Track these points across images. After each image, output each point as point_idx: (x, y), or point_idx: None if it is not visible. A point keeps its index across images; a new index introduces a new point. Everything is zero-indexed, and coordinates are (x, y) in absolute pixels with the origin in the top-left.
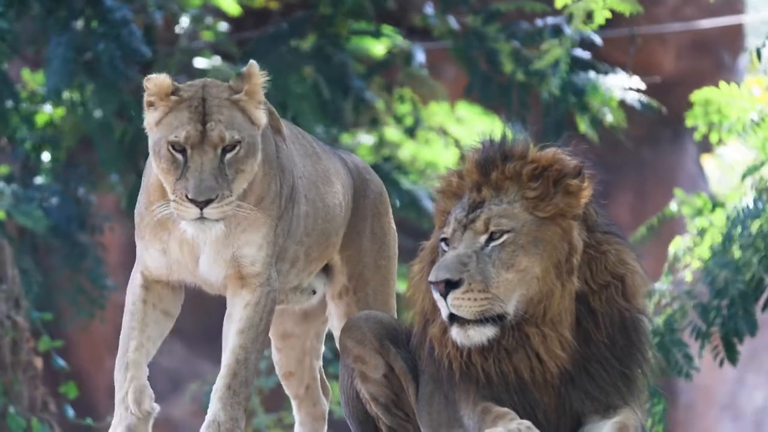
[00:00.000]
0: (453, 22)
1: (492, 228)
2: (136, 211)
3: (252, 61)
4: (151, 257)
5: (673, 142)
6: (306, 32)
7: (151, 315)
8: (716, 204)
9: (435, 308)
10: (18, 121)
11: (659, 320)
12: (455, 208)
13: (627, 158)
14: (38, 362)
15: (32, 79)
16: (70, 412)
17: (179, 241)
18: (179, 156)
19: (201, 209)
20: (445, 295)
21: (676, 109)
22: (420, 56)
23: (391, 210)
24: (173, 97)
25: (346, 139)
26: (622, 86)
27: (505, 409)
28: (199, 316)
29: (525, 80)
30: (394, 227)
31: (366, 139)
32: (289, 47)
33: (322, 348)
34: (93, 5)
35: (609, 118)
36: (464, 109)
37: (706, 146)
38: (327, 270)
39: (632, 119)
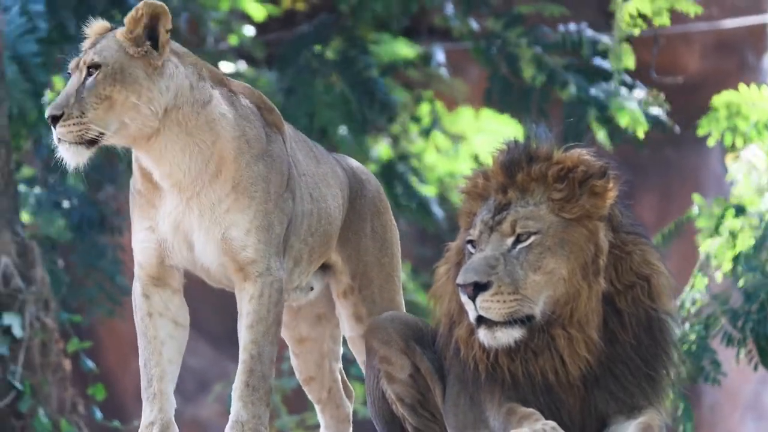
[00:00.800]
0: (473, 23)
1: (519, 230)
2: (129, 195)
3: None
4: (140, 243)
5: (697, 143)
6: (330, 36)
7: (162, 329)
8: (739, 209)
9: (461, 310)
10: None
11: (692, 328)
12: (481, 209)
13: (651, 159)
14: (67, 364)
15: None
16: (98, 414)
17: (164, 215)
18: None
19: (56, 130)
20: (473, 298)
21: (700, 109)
22: (440, 56)
23: (390, 208)
24: (90, 39)
25: (368, 142)
26: (640, 100)
27: (531, 410)
28: (224, 317)
29: (545, 85)
30: (395, 225)
31: (386, 140)
32: (314, 54)
33: (340, 350)
34: (117, 5)
35: (637, 133)
36: (488, 117)
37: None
38: (327, 269)
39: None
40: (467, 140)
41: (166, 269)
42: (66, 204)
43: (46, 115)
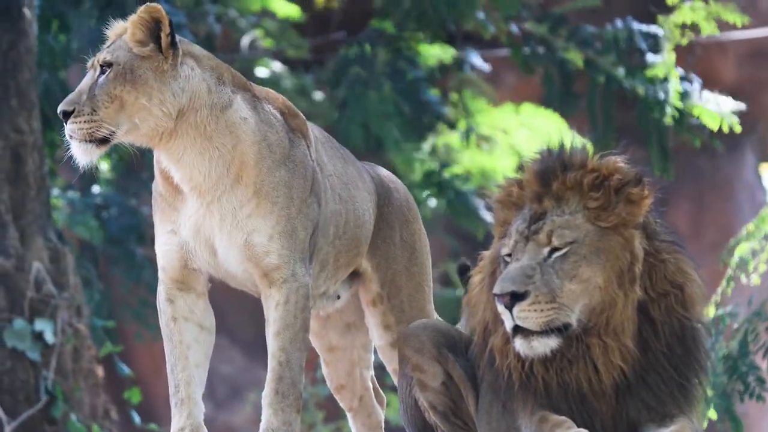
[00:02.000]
0: (514, 27)
1: (555, 240)
2: (152, 200)
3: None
4: (163, 246)
5: (731, 152)
6: (377, 44)
7: (187, 333)
8: None
9: (496, 319)
10: None
11: (732, 343)
12: (516, 219)
13: (685, 167)
14: (99, 370)
15: None
16: (137, 419)
17: (186, 219)
18: None
19: (66, 125)
20: (510, 307)
21: (737, 118)
22: (476, 60)
23: (420, 216)
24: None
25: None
26: (718, 103)
27: (563, 418)
28: (257, 324)
29: (605, 88)
30: (425, 233)
31: (426, 146)
32: (363, 66)
33: (371, 357)
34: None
35: (706, 131)
36: (530, 112)
37: (764, 155)
38: (357, 277)
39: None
40: (509, 135)
41: (189, 273)
42: (104, 214)
43: (58, 110)
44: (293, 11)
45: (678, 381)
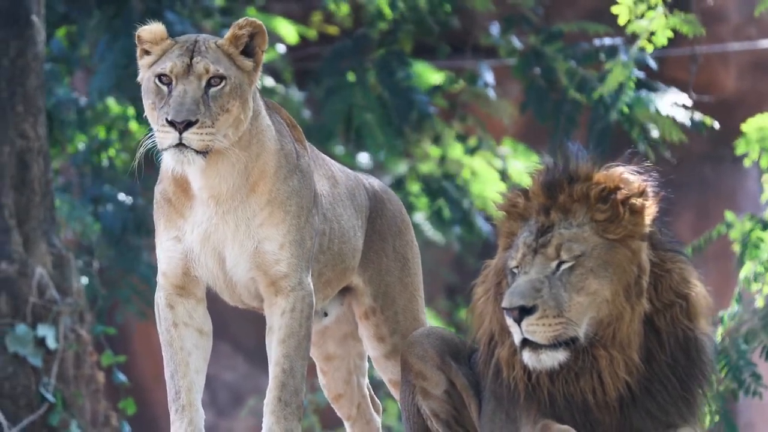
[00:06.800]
0: (516, 41)
1: (563, 254)
2: (154, 203)
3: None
4: (165, 252)
5: (734, 161)
6: (369, 50)
7: (188, 339)
8: (765, 224)
9: (503, 330)
10: (75, 131)
11: (727, 341)
12: (522, 230)
13: (689, 176)
14: (101, 376)
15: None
16: (127, 429)
17: (193, 226)
18: (165, 87)
19: (180, 133)
20: (519, 321)
21: (737, 129)
22: (488, 77)
23: (412, 228)
24: (168, 41)
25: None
26: (673, 102)
27: (566, 427)
28: (260, 331)
29: (578, 98)
30: (416, 244)
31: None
32: (353, 60)
33: (366, 365)
34: (153, 17)
35: (655, 133)
36: (509, 146)
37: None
38: (349, 292)
39: (694, 137)
40: (503, 158)
41: (190, 279)
42: (102, 208)
43: (180, 118)
44: (292, 36)
45: (682, 391)
